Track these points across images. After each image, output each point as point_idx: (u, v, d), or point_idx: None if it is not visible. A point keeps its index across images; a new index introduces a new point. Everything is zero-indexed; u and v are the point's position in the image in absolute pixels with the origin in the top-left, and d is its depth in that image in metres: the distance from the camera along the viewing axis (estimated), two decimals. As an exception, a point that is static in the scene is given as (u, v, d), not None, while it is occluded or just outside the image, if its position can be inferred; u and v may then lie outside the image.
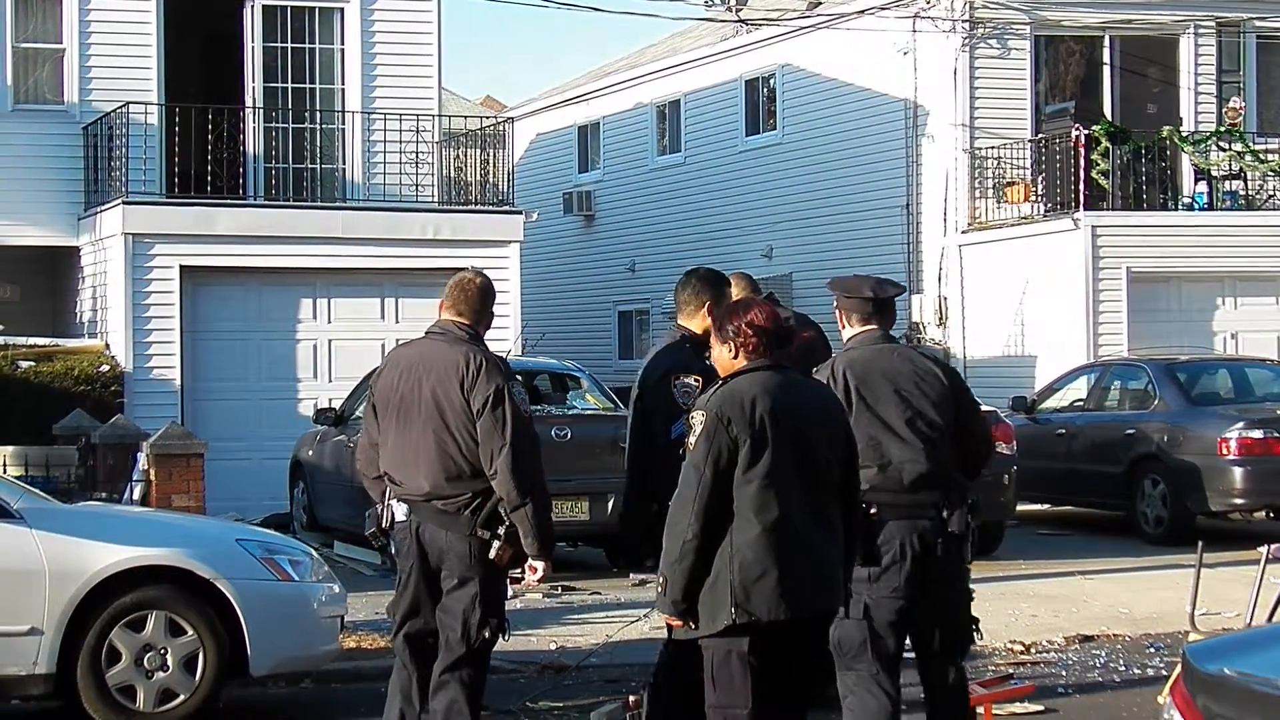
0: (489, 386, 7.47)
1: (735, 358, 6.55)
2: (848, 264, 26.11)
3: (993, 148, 23.88)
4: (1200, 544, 11.53)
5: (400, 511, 7.60)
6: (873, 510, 7.20)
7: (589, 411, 16.16)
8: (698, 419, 6.43)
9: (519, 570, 7.79)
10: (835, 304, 7.71)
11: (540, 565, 7.66)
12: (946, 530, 7.33)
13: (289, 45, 22.31)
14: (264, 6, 22.17)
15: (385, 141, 21.73)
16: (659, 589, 6.48)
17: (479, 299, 7.85)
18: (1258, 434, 17.15)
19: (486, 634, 7.57)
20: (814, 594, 6.44)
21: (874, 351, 7.55)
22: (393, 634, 7.76)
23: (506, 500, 7.42)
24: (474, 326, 7.78)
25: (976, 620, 7.60)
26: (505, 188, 22.55)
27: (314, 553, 10.01)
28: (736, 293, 9.99)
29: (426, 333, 7.84)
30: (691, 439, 6.44)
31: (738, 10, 29.51)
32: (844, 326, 7.68)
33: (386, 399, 7.65)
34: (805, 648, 6.58)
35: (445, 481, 7.51)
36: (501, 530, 7.49)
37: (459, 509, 7.51)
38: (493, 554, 7.54)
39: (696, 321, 8.28)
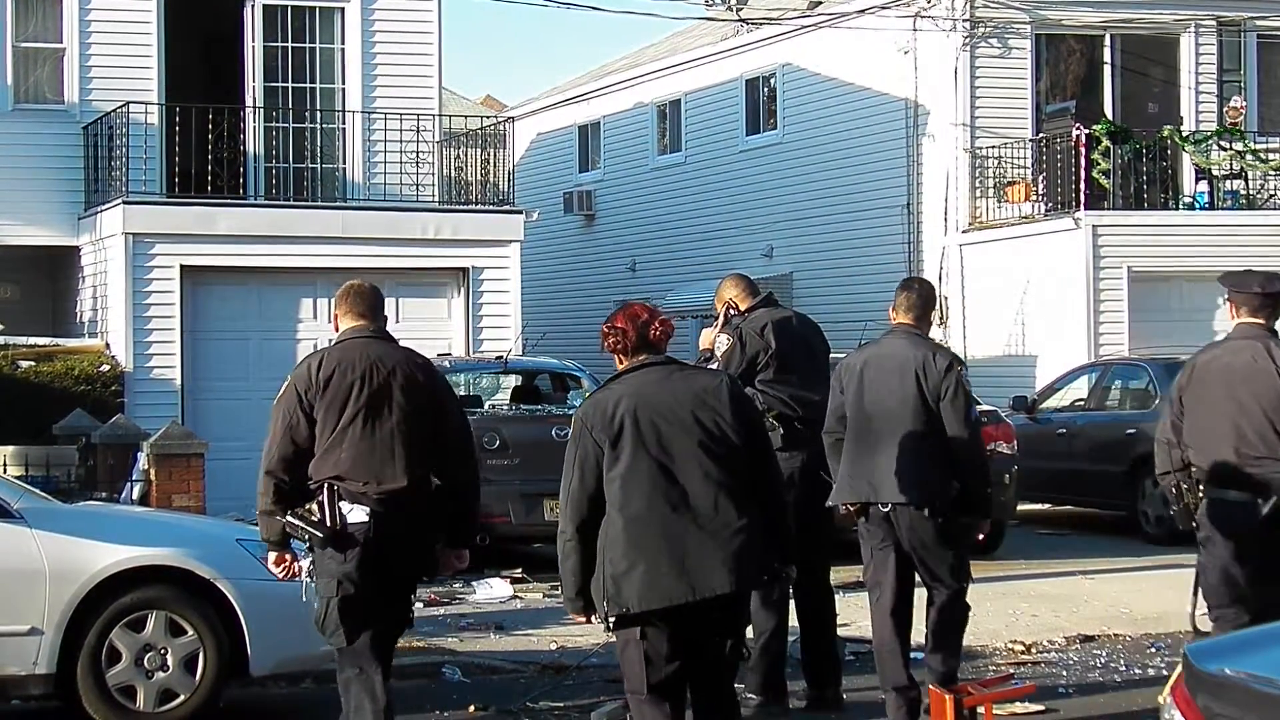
0: (447, 384, 7.90)
1: (619, 363, 6.90)
2: (848, 264, 26.14)
3: (993, 147, 23.89)
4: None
5: (360, 514, 7.52)
6: None
7: (589, 411, 16.14)
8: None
9: (463, 564, 8.07)
10: (1226, 297, 8.78)
11: (466, 553, 7.98)
12: None
13: (289, 45, 22.32)
14: (264, 6, 22.18)
15: (385, 141, 21.74)
16: (561, 589, 6.89)
17: (378, 303, 7.97)
18: (1258, 434, 17.12)
19: (410, 625, 7.99)
20: (693, 581, 6.53)
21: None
22: (347, 640, 7.59)
23: (471, 489, 7.77)
24: (383, 328, 7.95)
25: None
26: (505, 187, 22.55)
27: (314, 553, 9.99)
28: (735, 294, 10.01)
29: (349, 338, 7.81)
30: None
31: (738, 10, 29.53)
32: (1233, 318, 8.76)
33: (343, 401, 7.57)
34: (721, 629, 6.70)
35: (422, 476, 7.61)
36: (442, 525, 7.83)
37: (428, 504, 7.65)
38: (441, 547, 7.82)
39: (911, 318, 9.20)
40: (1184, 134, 23.41)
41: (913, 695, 8.91)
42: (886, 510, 8.82)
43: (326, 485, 7.54)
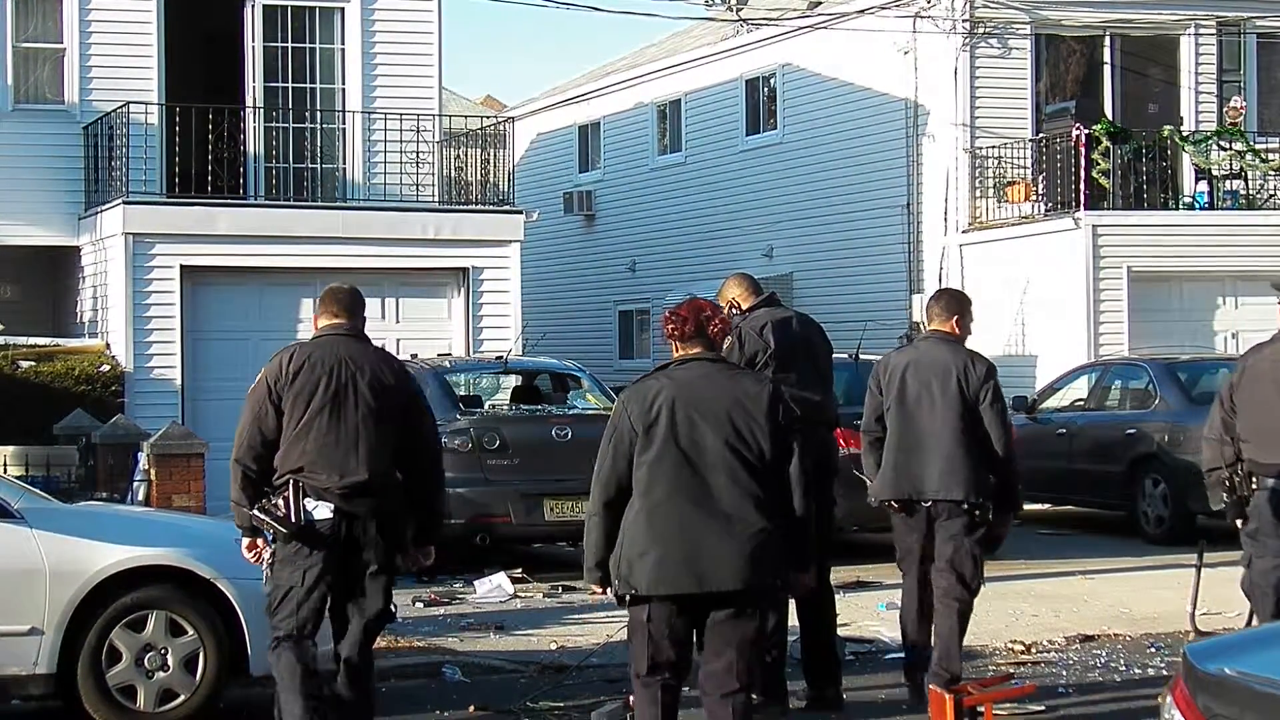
0: (415, 383, 8.15)
1: (674, 351, 7.18)
2: (848, 264, 26.16)
3: (993, 147, 23.88)
4: (1201, 544, 11.56)
5: (325, 510, 7.72)
6: None
7: (589, 411, 16.13)
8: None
9: (425, 560, 8.22)
10: (1278, 299, 9.46)
11: (431, 549, 8.18)
12: None
13: (289, 45, 22.32)
14: (264, 6, 22.18)
15: (385, 141, 21.74)
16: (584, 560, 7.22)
17: (355, 304, 8.18)
18: (1258, 434, 17.11)
19: (393, 619, 8.16)
20: (701, 573, 6.79)
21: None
22: (295, 631, 7.74)
23: (438, 489, 8.05)
24: (360, 329, 8.16)
25: None
26: (505, 188, 22.55)
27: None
28: (738, 293, 10.01)
29: (323, 335, 8.01)
30: None
31: (738, 10, 29.52)
32: None
33: (310, 394, 7.79)
34: (728, 630, 6.90)
35: (382, 472, 7.82)
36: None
37: (389, 501, 7.84)
38: (410, 543, 8.02)
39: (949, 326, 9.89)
40: (1184, 134, 23.41)
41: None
42: (928, 505, 9.45)
43: (291, 482, 7.73)
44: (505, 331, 20.86)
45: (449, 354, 19.44)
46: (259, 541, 7.88)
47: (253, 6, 22.15)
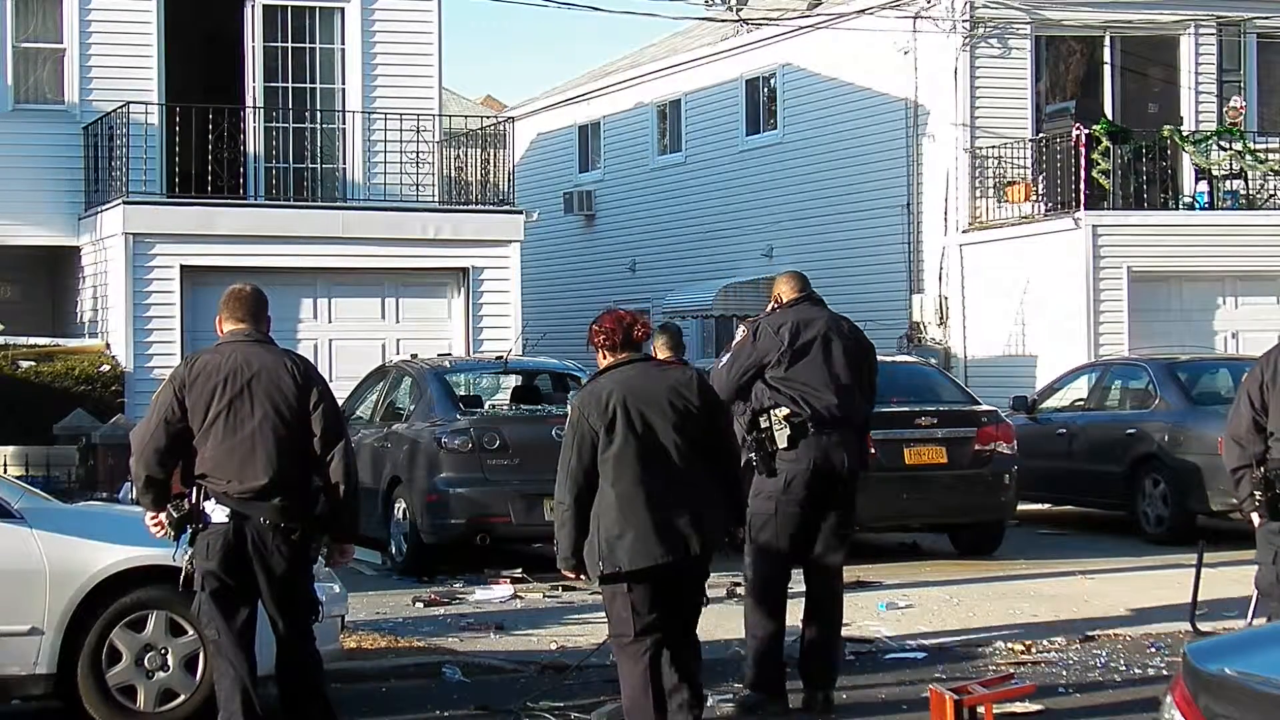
0: (319, 384, 8.15)
1: (603, 358, 8.09)
2: (848, 264, 26.15)
3: (993, 147, 23.88)
4: (1201, 543, 11.55)
5: (221, 514, 7.85)
6: None
7: (589, 411, 16.10)
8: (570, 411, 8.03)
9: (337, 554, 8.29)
10: None
11: (351, 547, 8.34)
12: None
13: (289, 45, 22.33)
14: (264, 6, 22.19)
15: (385, 141, 21.75)
16: (556, 551, 7.96)
17: (258, 307, 8.39)
18: (1258, 434, 17.09)
19: (316, 618, 8.17)
20: (671, 544, 7.73)
21: None
22: (223, 630, 7.92)
23: (343, 484, 7.94)
24: (264, 333, 8.32)
25: None
26: (505, 187, 22.56)
27: (314, 553, 9.98)
28: (784, 288, 10.03)
29: (224, 342, 8.23)
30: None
31: (738, 10, 29.53)
32: None
33: (207, 403, 7.93)
34: (692, 585, 7.97)
35: (284, 475, 7.87)
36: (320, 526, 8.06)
37: (293, 504, 7.88)
38: (319, 549, 8.10)
39: None
40: (1184, 134, 23.40)
41: None
42: None
43: (197, 485, 7.91)
44: (505, 331, 20.87)
45: (449, 354, 19.43)
46: (161, 516, 7.95)
47: (253, 6, 22.16)
